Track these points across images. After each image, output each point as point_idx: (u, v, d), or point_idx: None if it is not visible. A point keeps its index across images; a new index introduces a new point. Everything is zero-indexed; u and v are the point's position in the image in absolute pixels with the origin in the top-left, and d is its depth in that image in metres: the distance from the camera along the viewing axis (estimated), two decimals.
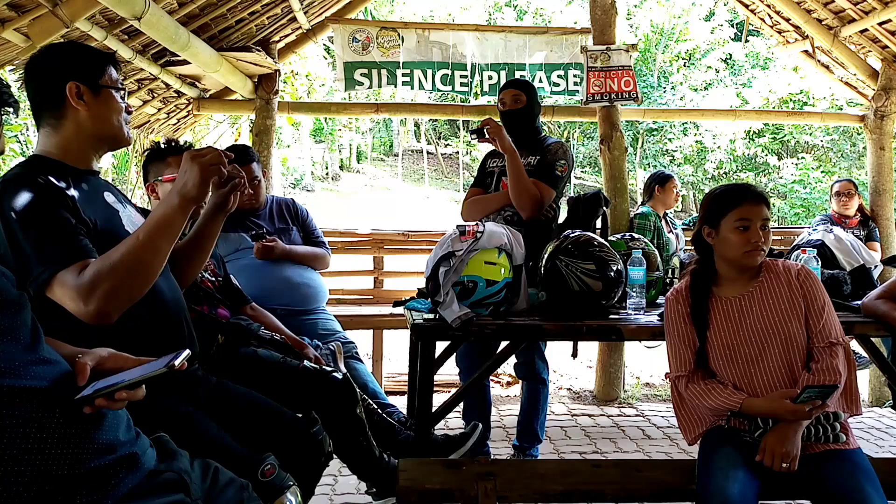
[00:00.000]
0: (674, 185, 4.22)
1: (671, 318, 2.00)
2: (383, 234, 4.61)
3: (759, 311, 1.90)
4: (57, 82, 1.56)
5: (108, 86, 1.62)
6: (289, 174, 18.45)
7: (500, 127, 2.74)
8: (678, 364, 1.96)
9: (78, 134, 1.60)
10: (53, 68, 1.59)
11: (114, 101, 1.63)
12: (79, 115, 1.58)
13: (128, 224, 1.64)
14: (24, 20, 2.90)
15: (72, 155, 1.60)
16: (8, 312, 1.02)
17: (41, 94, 1.59)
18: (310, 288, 2.88)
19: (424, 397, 2.29)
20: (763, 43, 15.71)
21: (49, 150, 1.59)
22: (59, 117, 1.58)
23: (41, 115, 1.60)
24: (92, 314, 1.40)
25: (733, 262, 1.93)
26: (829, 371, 1.82)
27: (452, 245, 2.26)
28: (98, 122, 1.61)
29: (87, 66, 1.61)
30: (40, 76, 1.59)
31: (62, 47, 1.73)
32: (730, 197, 1.92)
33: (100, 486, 1.08)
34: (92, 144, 1.64)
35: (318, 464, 1.83)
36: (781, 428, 1.77)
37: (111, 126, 1.63)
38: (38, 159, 1.58)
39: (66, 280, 1.41)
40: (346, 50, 4.34)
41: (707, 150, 16.15)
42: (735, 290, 1.95)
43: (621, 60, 4.30)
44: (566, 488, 1.92)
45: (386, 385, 4.14)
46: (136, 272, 1.45)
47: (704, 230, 1.96)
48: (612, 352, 4.23)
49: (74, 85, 1.57)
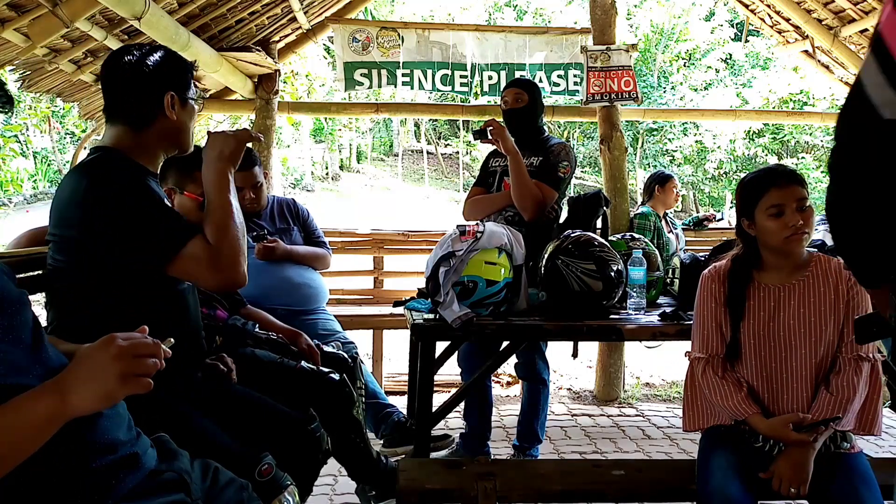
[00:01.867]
0: (674, 185, 4.23)
1: (703, 297, 1.92)
2: (383, 234, 4.61)
3: (798, 305, 1.82)
4: (156, 90, 1.61)
5: (193, 98, 1.68)
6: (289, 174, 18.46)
7: (502, 128, 2.74)
8: (701, 344, 1.90)
9: (159, 139, 1.64)
10: (154, 76, 1.61)
11: (195, 112, 1.71)
12: (166, 122, 1.63)
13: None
14: (24, 20, 2.90)
15: (144, 155, 1.64)
16: (9, 311, 1.02)
17: (134, 98, 1.61)
18: (310, 288, 2.88)
19: (424, 397, 2.29)
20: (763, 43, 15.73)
21: (122, 146, 1.61)
22: (145, 121, 1.62)
23: (123, 115, 1.62)
24: (226, 280, 1.53)
25: (777, 250, 1.83)
26: (848, 387, 1.75)
27: (452, 245, 2.26)
28: (180, 130, 1.67)
29: (182, 77, 1.66)
30: (137, 80, 1.61)
31: (156, 52, 1.69)
32: (757, 184, 1.84)
33: (101, 485, 1.08)
34: (166, 148, 1.69)
35: (315, 461, 1.83)
36: (793, 453, 1.72)
37: (188, 136, 1.70)
38: (116, 153, 1.60)
39: (194, 252, 1.50)
40: (346, 50, 4.34)
41: (707, 150, 16.17)
42: (778, 279, 1.85)
43: (621, 60, 4.30)
44: (566, 488, 1.92)
45: (386, 385, 4.14)
46: (236, 229, 1.57)
47: (744, 223, 1.87)
48: (612, 352, 4.23)
49: (171, 95, 1.61)
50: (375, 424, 2.76)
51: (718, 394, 1.82)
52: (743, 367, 1.86)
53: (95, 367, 0.98)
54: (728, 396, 1.81)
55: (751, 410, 1.78)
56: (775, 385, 1.83)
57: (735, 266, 1.90)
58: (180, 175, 2.24)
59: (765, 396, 1.84)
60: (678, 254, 3.77)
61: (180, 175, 2.24)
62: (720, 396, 1.82)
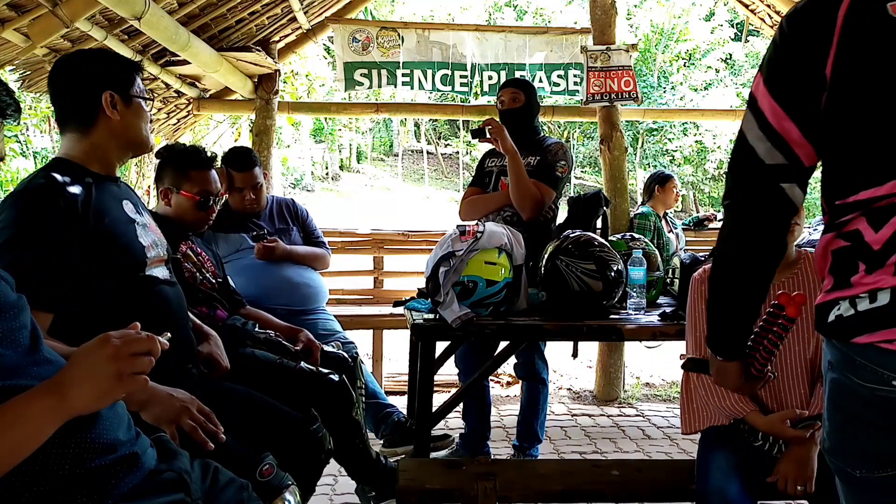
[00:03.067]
0: (674, 185, 4.23)
1: (694, 299, 1.93)
2: (383, 234, 4.61)
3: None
4: (92, 91, 1.59)
5: (138, 96, 1.66)
6: (289, 174, 18.46)
7: (501, 127, 2.74)
8: (695, 347, 1.90)
9: (107, 141, 1.63)
10: (88, 77, 1.61)
11: (143, 110, 1.67)
12: (111, 123, 1.61)
13: (142, 235, 1.66)
14: (24, 20, 2.90)
15: (97, 161, 1.62)
16: (7, 315, 1.02)
17: (73, 102, 1.61)
18: (310, 288, 2.88)
19: (424, 397, 2.29)
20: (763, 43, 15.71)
21: (73, 155, 1.61)
22: (89, 124, 1.60)
23: (68, 121, 1.62)
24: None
25: None
26: None
27: (452, 245, 2.26)
28: (128, 130, 1.64)
29: (120, 76, 1.64)
30: (73, 85, 1.61)
31: (94, 55, 1.73)
32: None
33: (100, 485, 1.08)
34: (118, 151, 1.67)
35: (318, 461, 1.83)
36: (795, 452, 1.72)
37: (140, 134, 1.67)
38: (60, 163, 1.59)
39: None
40: (346, 50, 4.34)
41: (707, 150, 16.18)
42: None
43: (621, 60, 4.30)
44: (566, 488, 1.92)
45: (386, 385, 4.14)
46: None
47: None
48: (612, 352, 4.23)
49: (109, 94, 1.60)
50: (375, 424, 2.76)
51: (715, 394, 1.83)
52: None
53: (92, 366, 0.99)
54: (724, 396, 1.81)
55: (748, 408, 1.79)
56: (772, 383, 1.83)
57: None
58: (176, 174, 2.24)
59: (762, 395, 1.84)
60: (678, 254, 3.77)
61: (176, 174, 2.24)
62: (717, 397, 1.82)
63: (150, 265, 1.65)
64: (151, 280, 1.64)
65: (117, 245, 1.58)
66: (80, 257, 1.51)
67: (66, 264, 1.49)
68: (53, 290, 1.47)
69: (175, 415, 1.45)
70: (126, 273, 1.60)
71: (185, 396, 1.50)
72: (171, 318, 1.69)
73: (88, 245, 1.52)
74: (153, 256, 1.67)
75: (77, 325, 1.45)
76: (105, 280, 1.56)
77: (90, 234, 1.52)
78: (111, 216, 1.58)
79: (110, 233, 1.57)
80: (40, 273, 1.44)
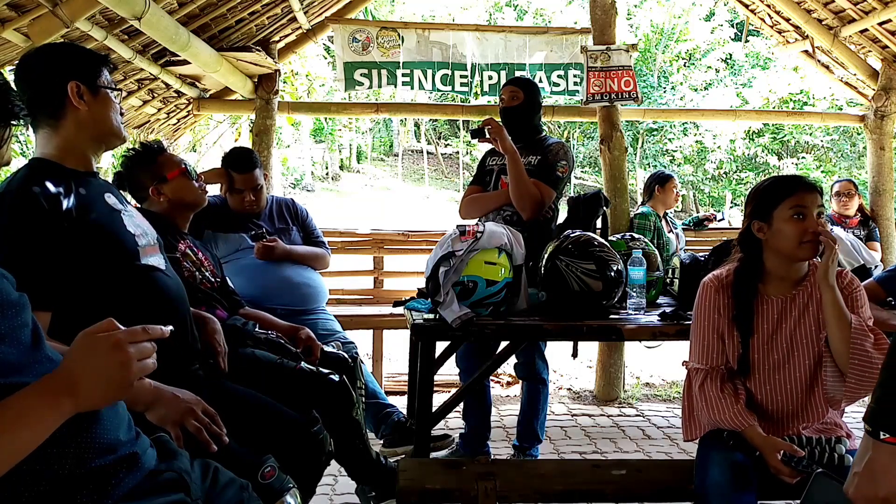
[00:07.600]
0: (674, 185, 4.23)
1: (705, 306, 1.89)
2: (383, 234, 4.61)
3: (799, 316, 1.82)
4: (57, 82, 1.58)
5: (105, 86, 1.65)
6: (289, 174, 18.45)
7: (501, 127, 2.74)
8: (700, 355, 1.88)
9: (78, 134, 1.61)
10: (53, 69, 1.60)
11: (111, 100, 1.66)
12: (79, 114, 1.60)
13: (129, 224, 1.66)
14: (24, 20, 2.90)
15: (72, 157, 1.62)
16: (9, 314, 1.03)
17: (40, 95, 1.60)
18: (310, 288, 2.88)
19: (424, 397, 2.29)
20: (763, 43, 15.73)
21: (50, 153, 1.60)
22: (58, 118, 1.60)
23: (38, 117, 1.61)
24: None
25: (788, 256, 1.80)
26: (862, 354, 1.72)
27: (452, 245, 2.26)
28: (98, 121, 1.63)
29: (85, 67, 1.63)
30: (39, 77, 1.60)
31: (58, 48, 1.74)
32: (783, 186, 1.82)
33: (100, 485, 1.08)
34: (91, 144, 1.66)
35: (318, 463, 1.83)
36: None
37: (111, 125, 1.66)
38: (38, 163, 1.59)
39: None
40: (346, 50, 4.34)
41: (707, 150, 16.17)
42: (780, 291, 1.85)
43: (621, 60, 4.30)
44: (566, 488, 1.92)
45: (386, 385, 4.14)
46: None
47: (754, 226, 1.83)
48: (612, 352, 4.23)
49: (75, 84, 1.58)
50: (375, 424, 2.75)
51: (715, 408, 1.81)
52: (746, 379, 1.87)
53: (96, 358, 1.00)
54: (724, 410, 1.79)
55: (747, 422, 1.77)
56: (774, 392, 1.84)
57: (739, 279, 1.87)
58: (149, 171, 2.20)
59: (763, 402, 1.85)
60: (678, 254, 3.77)
61: (149, 171, 2.20)
62: (716, 412, 1.80)
63: (144, 254, 1.66)
64: (147, 269, 1.65)
65: (107, 236, 1.58)
66: (72, 254, 1.51)
67: (58, 263, 1.49)
68: (48, 288, 1.47)
69: (180, 415, 1.45)
70: (121, 264, 1.60)
71: (190, 397, 1.50)
72: (172, 307, 1.69)
73: (79, 241, 1.53)
74: (144, 244, 1.67)
75: (78, 321, 1.45)
76: (100, 273, 1.56)
77: (78, 230, 1.53)
78: (97, 210, 1.59)
79: (98, 225, 1.57)
80: (33, 272, 1.44)
